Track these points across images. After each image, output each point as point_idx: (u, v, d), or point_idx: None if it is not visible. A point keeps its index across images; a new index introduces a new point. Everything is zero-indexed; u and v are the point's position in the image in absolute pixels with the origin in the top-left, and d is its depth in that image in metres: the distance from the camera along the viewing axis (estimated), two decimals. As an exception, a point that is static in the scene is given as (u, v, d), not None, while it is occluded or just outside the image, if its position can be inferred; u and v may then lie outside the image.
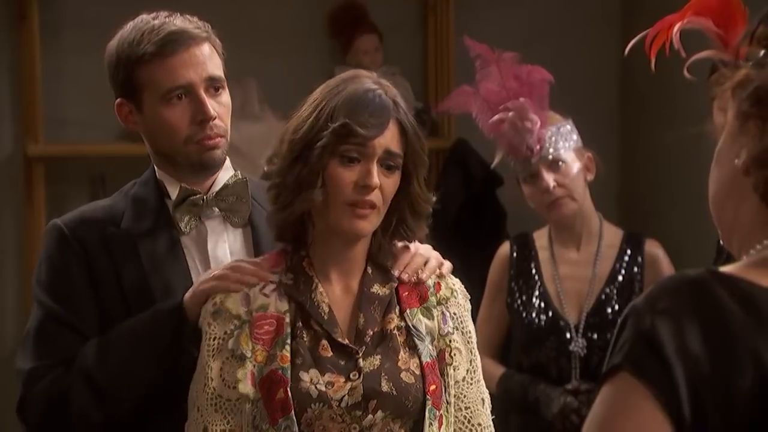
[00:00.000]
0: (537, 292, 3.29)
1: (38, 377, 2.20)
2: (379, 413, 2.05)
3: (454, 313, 2.15)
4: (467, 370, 2.14)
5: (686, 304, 1.34)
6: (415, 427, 2.08)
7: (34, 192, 4.33)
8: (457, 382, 2.13)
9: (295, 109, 2.15)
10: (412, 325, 2.11)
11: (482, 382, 2.17)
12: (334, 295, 2.12)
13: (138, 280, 2.22)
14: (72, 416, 2.18)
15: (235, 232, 2.30)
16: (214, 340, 2.08)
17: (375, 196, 2.06)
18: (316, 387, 2.04)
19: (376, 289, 2.12)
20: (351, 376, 2.06)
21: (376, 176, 2.05)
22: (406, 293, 2.14)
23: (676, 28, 1.52)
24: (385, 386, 2.06)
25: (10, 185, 4.40)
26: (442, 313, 2.14)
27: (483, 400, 2.16)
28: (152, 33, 2.23)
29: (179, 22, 2.26)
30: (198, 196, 2.27)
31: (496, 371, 3.29)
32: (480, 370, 2.17)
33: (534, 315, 3.26)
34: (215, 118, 2.24)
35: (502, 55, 3.23)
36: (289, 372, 2.04)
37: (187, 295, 2.13)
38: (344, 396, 2.04)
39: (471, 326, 2.17)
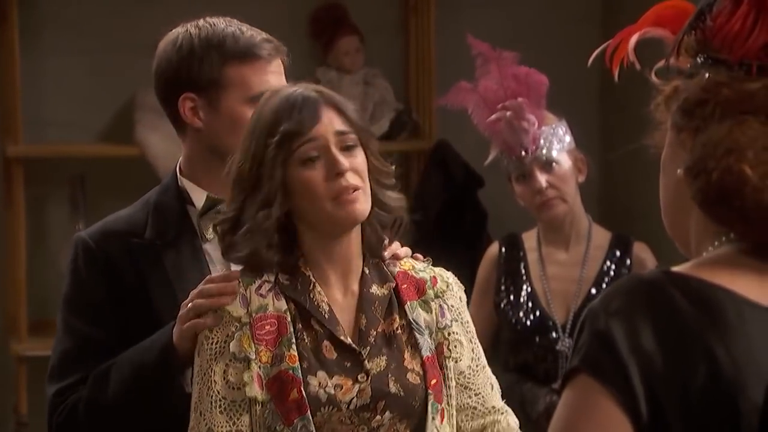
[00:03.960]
0: (525, 292, 3.30)
1: (59, 403, 2.23)
2: (387, 414, 2.05)
3: (452, 305, 2.15)
4: (471, 359, 2.14)
5: (639, 303, 1.36)
6: (420, 424, 2.08)
7: (14, 193, 4.31)
8: (461, 372, 2.13)
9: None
10: (413, 319, 2.11)
11: (488, 368, 2.18)
12: (334, 298, 2.10)
13: (164, 289, 2.23)
14: None
15: None
16: (215, 344, 2.06)
17: (352, 178, 2.05)
18: (325, 390, 2.03)
19: (375, 289, 2.11)
20: (359, 378, 2.05)
21: (342, 160, 2.04)
22: (405, 286, 2.14)
23: (632, 40, 1.54)
24: (392, 387, 2.05)
25: (-11, 186, 4.39)
26: (440, 306, 2.14)
27: (491, 385, 2.17)
28: (243, 35, 2.27)
29: (256, 32, 2.31)
30: (223, 204, 2.26)
31: None
32: (483, 357, 2.18)
33: (521, 315, 3.28)
34: None
35: (502, 54, 3.24)
36: (299, 372, 2.03)
37: (175, 337, 2.12)
38: (353, 398, 2.04)
39: (468, 316, 2.18)
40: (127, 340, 2.21)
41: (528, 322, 3.27)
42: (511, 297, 3.31)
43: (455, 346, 2.13)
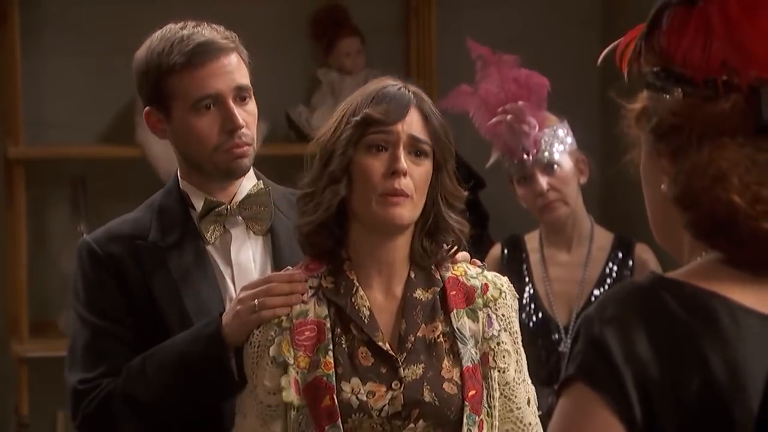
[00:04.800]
0: (527, 294, 3.31)
1: (84, 392, 2.24)
2: (421, 423, 2.04)
3: (503, 315, 2.14)
4: (516, 371, 2.13)
5: (633, 310, 1.35)
6: None
7: (15, 194, 4.31)
8: (507, 383, 2.12)
9: (277, 111, 2.16)
10: (457, 328, 2.09)
11: (528, 380, 2.17)
12: (376, 301, 2.10)
13: (169, 290, 2.25)
14: None
15: (256, 240, 2.33)
16: (257, 347, 2.08)
17: (406, 185, 2.05)
18: (357, 397, 2.03)
19: (419, 294, 2.10)
20: (393, 385, 2.04)
21: (403, 161, 2.05)
22: (453, 293, 2.12)
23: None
24: (427, 396, 2.04)
25: (-10, 188, 4.39)
26: (488, 315, 2.12)
27: (529, 399, 2.15)
28: (181, 43, 2.26)
29: (207, 32, 2.30)
30: (222, 206, 2.30)
31: None
32: (525, 368, 2.16)
33: (524, 316, 3.28)
34: (243, 127, 2.27)
35: (502, 57, 3.25)
36: (334, 379, 2.03)
37: (231, 325, 2.13)
38: (384, 406, 2.03)
39: (517, 326, 2.16)
40: (140, 338, 2.24)
41: (530, 324, 3.27)
42: (514, 299, 3.31)
43: (503, 357, 2.12)
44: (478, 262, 2.20)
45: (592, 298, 3.26)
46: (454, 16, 4.60)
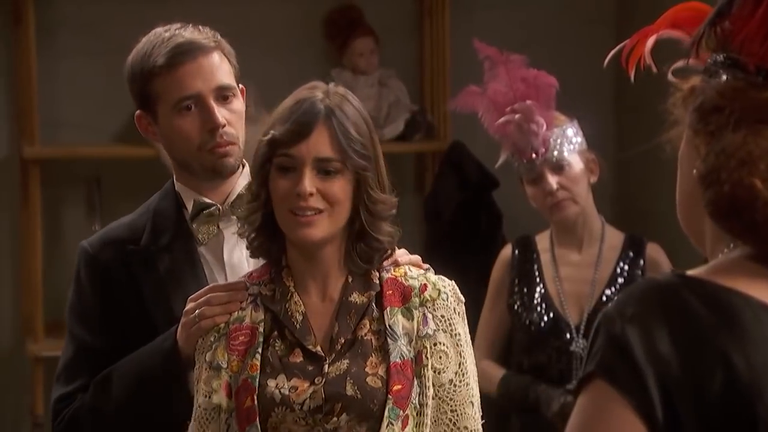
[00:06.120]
0: (538, 294, 3.30)
1: (61, 409, 2.27)
2: (344, 416, 2.07)
3: (441, 315, 2.14)
4: (455, 373, 2.13)
5: (654, 308, 1.35)
6: (379, 428, 2.08)
7: (30, 194, 4.33)
8: (442, 384, 2.12)
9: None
10: (388, 325, 2.12)
11: (472, 385, 2.16)
12: (313, 304, 2.14)
13: (158, 293, 2.27)
14: None
15: None
16: (201, 354, 2.14)
17: (316, 201, 2.08)
18: (280, 391, 2.07)
19: (355, 297, 2.13)
20: (315, 380, 2.08)
21: (306, 183, 2.07)
22: (390, 292, 2.14)
23: (649, 43, 1.53)
24: (349, 390, 2.07)
25: (6, 187, 4.40)
26: (424, 314, 2.13)
27: (472, 403, 2.14)
28: (161, 45, 2.27)
29: (188, 33, 2.30)
30: (213, 207, 2.30)
31: (497, 373, 3.30)
32: (471, 373, 2.15)
33: (535, 316, 3.28)
34: (224, 126, 2.27)
35: (510, 57, 3.25)
36: (257, 380, 2.08)
37: (180, 338, 2.17)
38: (306, 399, 2.07)
39: (461, 329, 2.15)
40: (125, 347, 2.25)
41: (542, 324, 3.27)
42: (525, 299, 3.31)
43: (439, 357, 2.12)
44: (424, 265, 2.21)
45: (604, 298, 3.26)
46: (468, 16, 4.60)
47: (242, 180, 2.33)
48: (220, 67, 2.29)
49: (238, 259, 2.31)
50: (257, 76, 4.42)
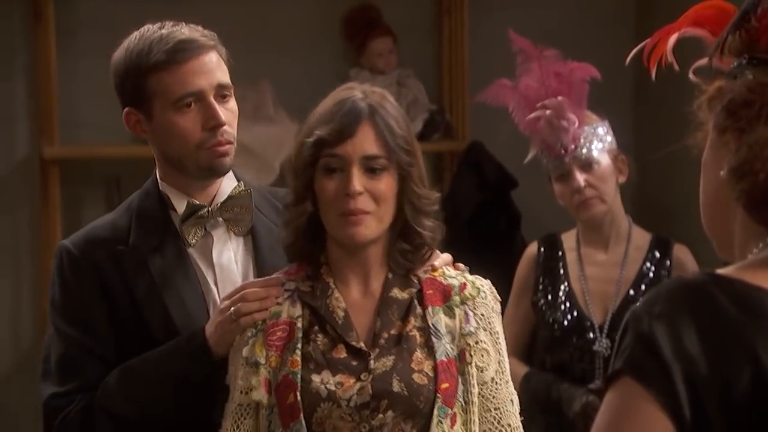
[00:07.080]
0: (563, 292, 3.30)
1: (58, 407, 2.25)
2: (390, 413, 2.07)
3: (482, 314, 2.16)
4: (496, 371, 2.15)
5: (683, 306, 1.36)
6: (427, 426, 2.09)
7: (50, 194, 4.34)
8: (485, 382, 2.13)
9: (308, 111, 2.18)
10: (432, 324, 2.12)
11: (511, 382, 2.18)
12: (353, 300, 2.14)
13: (151, 295, 2.25)
14: None
15: (237, 240, 2.33)
16: (238, 350, 2.13)
17: (363, 202, 2.08)
18: (326, 387, 2.07)
19: (396, 293, 2.14)
20: (362, 376, 2.08)
21: (354, 182, 2.07)
22: (430, 292, 2.15)
23: (671, 41, 1.53)
24: (396, 386, 2.07)
25: (26, 187, 4.42)
26: (465, 312, 2.15)
27: (512, 401, 2.17)
28: (161, 42, 2.26)
29: (187, 30, 2.29)
30: (204, 209, 2.29)
31: (520, 370, 3.30)
32: (508, 371, 2.18)
33: (559, 314, 3.27)
34: (226, 125, 2.26)
35: (543, 51, 3.23)
36: (299, 376, 2.07)
37: (213, 336, 2.15)
38: (353, 395, 2.06)
39: (499, 327, 2.18)
40: (120, 348, 2.24)
41: (565, 322, 3.27)
42: (549, 296, 3.31)
43: (481, 355, 2.14)
44: (461, 266, 2.22)
45: (629, 298, 3.25)
46: (487, 15, 4.60)
47: (228, 182, 2.33)
48: (219, 66, 2.29)
49: (228, 260, 2.30)
50: (275, 76, 4.44)
